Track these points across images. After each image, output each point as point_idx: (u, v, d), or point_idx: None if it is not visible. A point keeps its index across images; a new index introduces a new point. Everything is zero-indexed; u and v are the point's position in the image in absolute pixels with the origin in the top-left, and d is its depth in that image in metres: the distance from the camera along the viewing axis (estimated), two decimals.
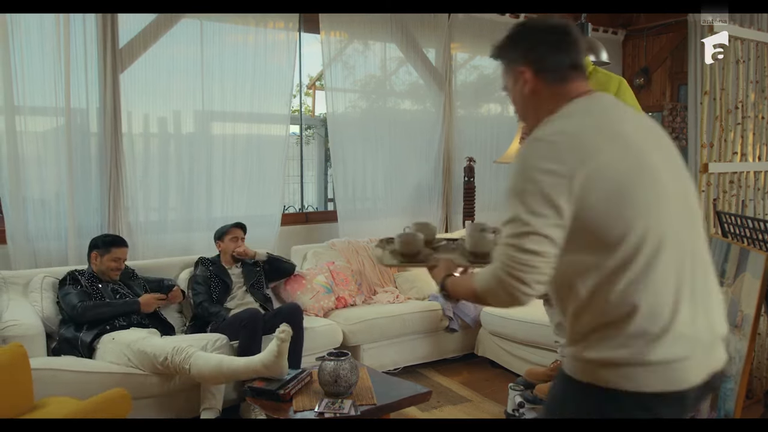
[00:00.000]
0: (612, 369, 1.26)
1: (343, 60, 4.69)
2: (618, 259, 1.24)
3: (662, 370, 1.24)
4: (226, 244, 3.61)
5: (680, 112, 5.86)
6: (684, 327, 1.25)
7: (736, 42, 3.05)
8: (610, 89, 2.82)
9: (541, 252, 1.23)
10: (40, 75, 3.57)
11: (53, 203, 3.71)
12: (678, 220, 1.31)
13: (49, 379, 2.64)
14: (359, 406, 2.47)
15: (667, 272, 1.26)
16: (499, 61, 1.47)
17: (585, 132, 1.29)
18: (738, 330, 2.36)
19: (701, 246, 1.35)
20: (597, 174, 1.23)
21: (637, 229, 1.24)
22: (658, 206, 1.27)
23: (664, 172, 1.32)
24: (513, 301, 1.28)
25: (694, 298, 1.28)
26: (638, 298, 1.24)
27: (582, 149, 1.25)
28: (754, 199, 3.20)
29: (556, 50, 1.38)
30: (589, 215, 1.23)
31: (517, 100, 1.46)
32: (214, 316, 3.34)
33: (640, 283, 1.24)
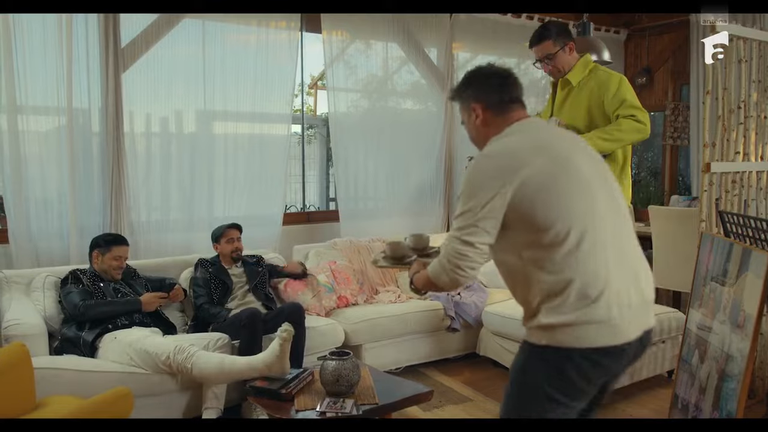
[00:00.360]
0: (563, 330, 1.56)
1: (345, 59, 4.69)
2: (551, 237, 1.56)
3: (605, 328, 1.56)
4: (222, 246, 3.61)
5: (682, 111, 5.85)
6: (617, 293, 1.57)
7: (739, 41, 3.04)
8: (611, 87, 2.82)
9: (476, 243, 1.61)
10: (43, 75, 3.58)
11: (55, 203, 3.72)
12: (603, 208, 1.63)
13: (52, 378, 2.64)
14: (361, 405, 2.47)
15: (595, 250, 1.57)
16: (457, 98, 1.86)
17: (520, 147, 1.66)
18: (740, 330, 2.36)
19: (627, 228, 1.70)
20: (528, 179, 1.58)
21: (564, 216, 1.57)
22: (582, 198, 1.61)
23: (587, 171, 1.66)
24: (453, 283, 1.69)
25: (623, 270, 1.60)
26: (572, 271, 1.56)
27: (517, 160, 1.61)
28: (757, 199, 3.20)
29: (499, 90, 1.78)
30: (525, 208, 1.58)
31: (471, 130, 1.84)
32: (214, 317, 3.34)
33: (571, 258, 1.56)
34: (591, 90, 2.88)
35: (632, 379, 3.43)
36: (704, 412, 2.51)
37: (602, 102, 2.83)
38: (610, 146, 2.77)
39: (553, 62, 2.93)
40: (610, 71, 2.92)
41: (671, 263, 4.49)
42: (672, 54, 5.94)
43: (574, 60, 2.94)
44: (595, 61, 4.38)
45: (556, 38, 2.90)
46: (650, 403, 3.37)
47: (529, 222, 1.58)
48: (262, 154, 4.37)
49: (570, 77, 2.93)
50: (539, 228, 1.57)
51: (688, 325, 2.77)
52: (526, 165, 1.60)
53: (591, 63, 2.96)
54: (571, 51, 2.93)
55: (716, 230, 2.99)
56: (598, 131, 2.79)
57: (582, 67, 2.93)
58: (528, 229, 1.59)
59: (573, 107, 2.93)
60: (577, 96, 2.92)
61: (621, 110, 2.77)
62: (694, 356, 2.65)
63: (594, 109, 2.86)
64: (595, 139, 2.75)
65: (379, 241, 4.41)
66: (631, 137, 2.77)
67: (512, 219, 1.60)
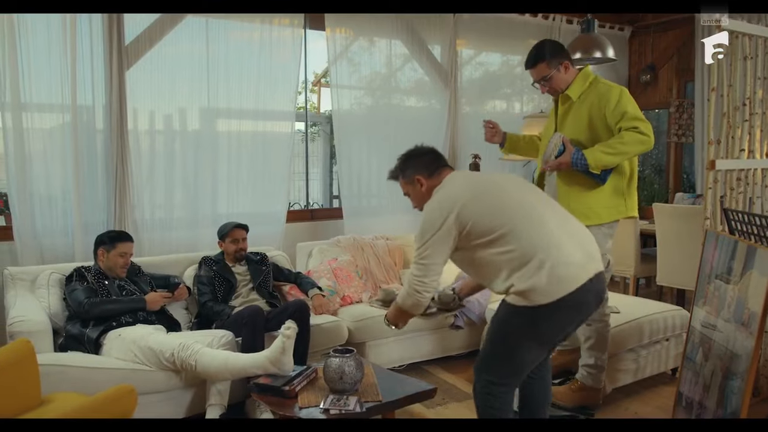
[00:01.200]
0: (534, 292, 2.06)
1: (349, 57, 4.69)
2: (499, 233, 2.12)
3: (564, 281, 2.06)
4: (227, 245, 3.61)
5: (687, 108, 5.83)
6: (566, 254, 2.10)
7: (744, 38, 3.03)
8: (612, 99, 2.79)
9: (430, 266, 2.20)
10: (47, 72, 3.59)
11: (59, 200, 3.73)
12: (533, 202, 2.23)
13: (56, 374, 2.65)
14: (364, 402, 2.47)
15: (536, 230, 2.12)
16: (399, 176, 2.46)
17: (452, 190, 2.26)
18: (745, 327, 2.35)
19: (561, 213, 2.28)
20: (464, 206, 2.17)
21: (502, 217, 2.14)
22: (511, 201, 2.20)
23: (509, 185, 2.30)
24: (415, 304, 2.29)
25: (564, 237, 2.15)
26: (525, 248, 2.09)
27: (452, 198, 2.21)
28: (762, 197, 3.18)
29: (432, 162, 2.41)
30: (471, 224, 2.15)
31: (417, 196, 2.43)
32: (218, 314, 3.35)
33: (521, 241, 2.10)
34: (591, 103, 2.86)
35: (636, 377, 3.42)
36: (708, 410, 2.50)
37: (604, 115, 2.81)
38: (615, 159, 2.75)
39: (550, 83, 2.92)
40: (610, 84, 2.90)
41: (675, 261, 4.48)
42: (676, 51, 5.92)
43: (572, 76, 2.93)
44: (599, 59, 4.40)
45: (551, 59, 2.88)
46: (654, 400, 3.37)
47: (480, 231, 2.14)
48: (266, 152, 4.37)
49: (569, 92, 2.92)
50: (489, 231, 2.13)
51: (692, 323, 2.76)
52: (459, 198, 2.19)
53: (591, 75, 2.94)
54: (566, 69, 2.91)
55: (721, 228, 2.98)
56: (601, 145, 2.77)
57: (582, 80, 2.91)
58: (482, 235, 2.14)
59: (574, 121, 2.92)
60: (578, 110, 2.90)
61: (623, 123, 2.75)
62: (699, 354, 2.64)
63: (596, 122, 2.85)
64: (598, 153, 2.73)
65: (383, 239, 4.41)
66: (635, 149, 2.75)
67: (468, 234, 2.15)
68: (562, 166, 2.79)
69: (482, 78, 5.45)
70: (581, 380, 3.02)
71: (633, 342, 3.34)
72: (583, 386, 3.01)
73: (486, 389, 2.23)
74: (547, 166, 2.85)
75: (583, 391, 3.01)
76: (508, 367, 2.20)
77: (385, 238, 4.44)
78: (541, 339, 2.17)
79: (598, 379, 3.00)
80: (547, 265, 2.05)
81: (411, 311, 2.32)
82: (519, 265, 2.08)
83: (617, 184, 2.86)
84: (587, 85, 2.90)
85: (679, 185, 6.06)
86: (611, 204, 2.86)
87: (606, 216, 2.86)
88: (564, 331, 2.21)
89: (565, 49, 2.96)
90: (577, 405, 3.00)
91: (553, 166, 2.82)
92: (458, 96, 5.14)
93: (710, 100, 3.02)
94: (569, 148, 2.78)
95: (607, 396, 3.27)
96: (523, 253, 2.09)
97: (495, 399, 2.21)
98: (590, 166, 2.73)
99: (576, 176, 2.83)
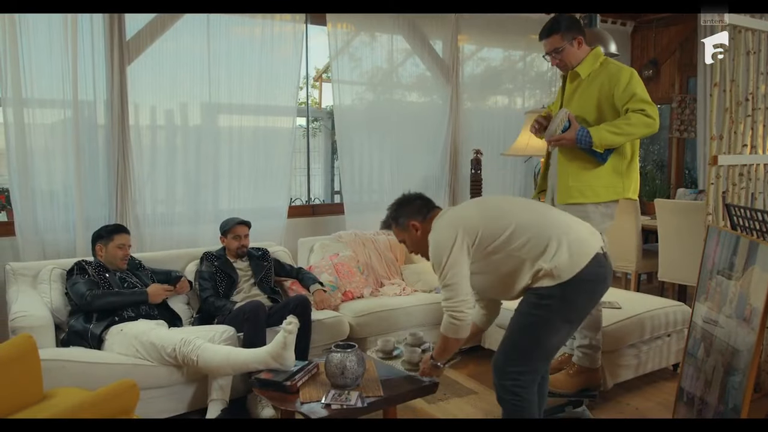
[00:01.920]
0: (560, 269, 2.21)
1: (350, 52, 4.68)
2: (508, 234, 2.27)
3: (583, 254, 2.24)
4: (229, 241, 3.62)
5: (689, 104, 5.82)
6: (579, 231, 2.32)
7: (747, 33, 3.02)
8: (622, 80, 2.79)
9: (459, 291, 2.27)
10: (48, 67, 3.59)
11: (61, 195, 3.73)
12: (524, 205, 2.44)
13: (59, 369, 2.65)
14: (366, 397, 2.47)
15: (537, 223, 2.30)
16: (393, 225, 2.55)
17: (453, 214, 2.41)
18: (746, 323, 2.35)
19: (561, 215, 2.41)
20: (467, 226, 2.30)
21: (510, 220, 2.30)
22: (511, 211, 2.36)
23: (497, 198, 2.67)
24: (457, 331, 2.32)
25: (573, 221, 2.39)
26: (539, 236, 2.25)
27: (453, 226, 2.32)
28: (764, 192, 3.18)
29: (423, 206, 2.51)
30: (482, 235, 2.28)
31: (414, 242, 2.51)
32: (219, 310, 3.35)
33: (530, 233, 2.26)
34: (601, 83, 2.86)
35: (637, 372, 3.42)
36: (710, 406, 2.50)
37: (612, 95, 2.82)
38: (619, 140, 2.75)
39: (561, 56, 2.91)
40: (621, 65, 2.89)
41: (677, 256, 4.48)
42: (679, 46, 5.90)
43: (584, 53, 2.92)
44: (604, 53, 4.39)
45: (565, 32, 2.88)
46: (656, 396, 3.37)
47: (490, 236, 2.27)
48: (267, 147, 4.37)
49: (579, 70, 2.91)
50: (499, 233, 2.27)
51: (693, 319, 2.76)
52: (461, 216, 2.36)
53: (602, 56, 2.94)
54: (580, 45, 2.91)
55: (723, 223, 2.97)
56: (607, 124, 2.77)
57: (592, 59, 2.91)
58: (493, 239, 2.27)
59: (582, 99, 2.91)
60: (587, 88, 2.90)
61: (631, 104, 2.75)
62: (700, 350, 2.64)
63: (603, 102, 2.85)
64: (603, 132, 2.73)
65: (384, 234, 4.41)
66: (640, 131, 2.76)
67: (480, 242, 2.28)
68: (566, 141, 2.79)
69: (484, 73, 5.44)
70: (578, 363, 3.02)
71: (634, 337, 3.34)
72: (581, 369, 3.01)
73: (515, 382, 2.28)
74: (551, 140, 2.85)
75: (581, 374, 3.01)
76: (538, 352, 2.30)
77: (387, 234, 4.43)
78: (571, 315, 2.29)
79: (594, 359, 3.00)
80: (564, 243, 2.22)
81: (458, 337, 2.34)
82: (540, 251, 2.22)
83: (617, 164, 2.86)
84: (597, 65, 2.90)
85: (681, 181, 6.05)
86: (609, 183, 2.86)
87: (604, 195, 2.86)
88: (592, 302, 2.35)
89: (581, 26, 2.95)
90: (578, 389, 3.00)
91: (556, 140, 2.82)
92: (460, 91, 5.13)
93: (713, 95, 3.01)
94: (575, 125, 2.78)
95: (608, 391, 3.27)
96: (539, 240, 2.23)
97: (524, 390, 2.29)
98: (594, 144, 2.73)
99: (577, 154, 2.84)
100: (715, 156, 2.97)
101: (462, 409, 3.21)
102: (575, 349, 3.06)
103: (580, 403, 3.02)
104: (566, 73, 3.01)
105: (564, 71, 3.02)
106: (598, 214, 2.87)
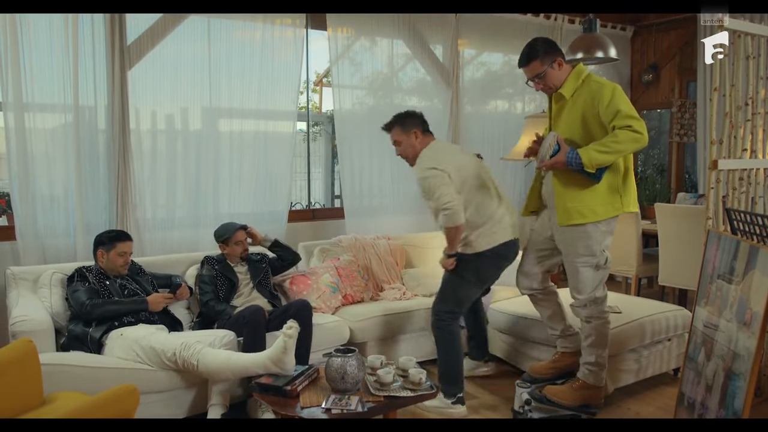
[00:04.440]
0: (477, 240, 3.11)
1: (350, 56, 4.69)
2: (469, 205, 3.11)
3: (498, 235, 3.13)
4: (231, 248, 3.59)
5: (689, 108, 5.82)
6: (501, 217, 3.16)
7: (747, 38, 3.03)
8: (604, 97, 2.76)
9: (446, 197, 3.02)
10: (49, 72, 3.59)
11: (62, 200, 3.73)
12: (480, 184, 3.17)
13: (59, 374, 2.65)
14: (366, 402, 2.47)
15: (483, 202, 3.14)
16: (398, 126, 3.25)
17: (441, 157, 3.15)
18: (746, 327, 2.35)
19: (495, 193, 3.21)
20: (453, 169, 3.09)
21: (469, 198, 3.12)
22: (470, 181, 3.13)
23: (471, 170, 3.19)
24: (453, 217, 3.02)
25: (497, 209, 3.16)
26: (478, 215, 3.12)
27: (442, 163, 3.09)
28: (764, 197, 3.18)
29: (425, 123, 3.27)
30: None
31: (408, 146, 3.24)
32: (219, 314, 3.35)
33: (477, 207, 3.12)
34: (585, 101, 2.84)
35: (638, 377, 3.42)
36: (710, 410, 2.50)
37: (597, 113, 2.80)
38: (609, 158, 2.73)
39: (544, 81, 2.91)
40: (602, 81, 2.87)
41: (677, 261, 4.48)
42: (679, 50, 5.91)
43: (565, 73, 2.91)
44: (601, 58, 4.39)
45: (544, 56, 2.87)
46: (656, 400, 3.37)
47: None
48: (268, 152, 4.38)
49: (562, 91, 2.90)
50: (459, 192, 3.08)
51: (694, 323, 2.76)
52: (450, 161, 3.11)
53: (584, 72, 2.91)
54: (560, 66, 2.89)
55: (723, 228, 2.97)
56: (596, 144, 2.75)
57: (574, 78, 2.90)
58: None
59: (569, 119, 2.91)
60: (572, 108, 2.89)
61: (617, 121, 2.73)
62: (701, 354, 2.64)
63: (590, 120, 2.83)
64: (592, 152, 2.71)
65: (384, 238, 4.41)
66: (629, 147, 2.73)
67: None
68: (557, 165, 2.79)
69: (484, 78, 5.45)
70: (582, 378, 3.02)
71: (635, 342, 3.34)
72: (585, 384, 3.01)
73: (440, 318, 3.18)
74: (542, 166, 2.85)
75: (584, 390, 3.01)
76: (457, 298, 3.19)
77: (387, 238, 4.44)
78: (483, 277, 3.22)
79: (599, 377, 3.00)
80: (491, 223, 3.13)
81: (456, 224, 3.03)
82: (475, 225, 3.12)
83: (612, 181, 2.85)
84: (580, 83, 2.89)
85: (682, 185, 6.05)
86: (607, 201, 2.85)
87: (602, 213, 2.85)
88: (499, 269, 3.24)
89: (557, 46, 2.94)
90: (579, 404, 3.00)
91: (548, 165, 2.82)
92: (460, 96, 5.13)
93: (712, 99, 3.02)
94: (564, 148, 2.78)
95: (608, 396, 3.27)
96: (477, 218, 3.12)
97: (446, 324, 3.17)
98: (585, 165, 2.72)
99: (571, 175, 2.83)
100: (716, 160, 2.97)
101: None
102: (581, 365, 3.04)
103: (578, 417, 3.02)
104: (551, 95, 3.01)
105: (549, 93, 3.01)
106: (598, 233, 2.86)
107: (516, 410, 3.06)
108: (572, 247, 2.90)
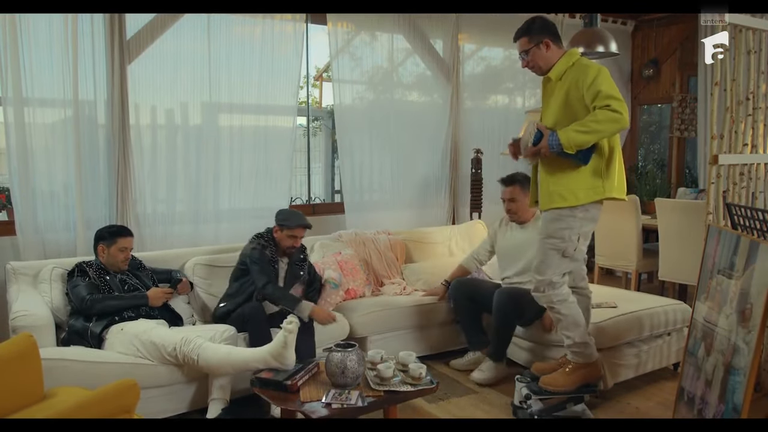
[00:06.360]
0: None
1: (350, 51, 4.68)
2: None
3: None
4: (282, 237, 3.40)
5: (690, 103, 5.81)
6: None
7: (748, 32, 3.02)
8: (588, 79, 2.73)
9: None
10: (49, 67, 3.59)
11: (62, 195, 3.73)
12: None
13: (59, 369, 2.66)
14: (366, 397, 2.48)
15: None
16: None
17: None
18: (747, 322, 2.35)
19: None
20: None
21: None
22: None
23: None
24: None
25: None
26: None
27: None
28: (765, 191, 3.18)
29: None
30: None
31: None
32: (281, 300, 3.22)
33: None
34: (570, 83, 2.83)
35: (637, 372, 3.43)
36: (710, 405, 2.50)
37: (582, 95, 2.79)
38: (588, 138, 2.70)
39: (529, 58, 2.91)
40: (589, 63, 2.84)
41: (678, 256, 4.47)
42: (680, 45, 5.89)
43: (555, 57, 2.89)
44: (602, 53, 4.38)
45: (534, 35, 2.86)
46: (656, 395, 3.37)
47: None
48: (268, 146, 4.37)
49: (550, 74, 2.90)
50: None
51: (694, 318, 2.76)
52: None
53: (575, 57, 2.90)
54: (548, 48, 2.87)
55: (723, 223, 2.97)
56: (575, 124, 2.73)
57: (564, 61, 2.88)
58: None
59: (556, 103, 2.89)
60: (559, 91, 2.88)
61: (597, 101, 2.71)
62: (701, 349, 2.64)
63: (575, 103, 2.81)
64: (570, 132, 2.69)
65: (385, 233, 4.41)
66: (608, 127, 2.70)
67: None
68: (543, 150, 2.78)
69: (484, 72, 5.44)
70: (572, 360, 3.01)
71: (632, 335, 3.34)
72: (577, 365, 3.00)
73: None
74: (527, 154, 2.84)
75: (578, 370, 2.99)
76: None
77: (387, 233, 4.44)
78: None
79: (586, 354, 2.98)
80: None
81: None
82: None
83: (596, 165, 2.83)
84: (570, 66, 2.88)
85: (682, 180, 6.05)
86: (589, 185, 2.83)
87: (583, 197, 2.83)
88: None
89: (552, 29, 2.91)
90: (578, 385, 2.99)
91: (531, 152, 2.81)
92: (460, 91, 5.13)
93: (713, 94, 3.01)
94: (545, 133, 2.77)
95: (608, 391, 3.27)
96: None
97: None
98: (564, 145, 2.71)
99: (557, 161, 2.82)
100: (716, 155, 2.96)
101: (462, 409, 3.21)
102: (566, 349, 3.04)
103: (580, 400, 3.01)
104: (542, 76, 3.01)
105: (538, 74, 3.01)
106: (573, 219, 2.83)
107: (516, 404, 3.07)
108: (544, 227, 2.90)
